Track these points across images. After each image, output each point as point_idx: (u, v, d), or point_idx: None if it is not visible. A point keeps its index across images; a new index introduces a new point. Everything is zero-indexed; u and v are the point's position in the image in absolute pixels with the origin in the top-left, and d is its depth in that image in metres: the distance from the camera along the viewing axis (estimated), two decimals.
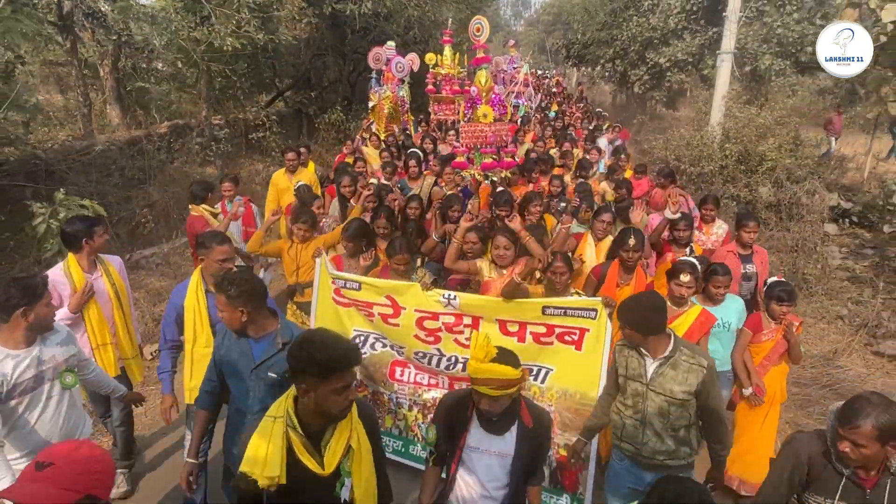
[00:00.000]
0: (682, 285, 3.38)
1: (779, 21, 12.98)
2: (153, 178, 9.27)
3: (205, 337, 3.10)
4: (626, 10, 18.07)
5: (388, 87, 9.33)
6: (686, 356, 2.56)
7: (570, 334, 3.29)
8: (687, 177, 9.58)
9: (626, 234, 3.84)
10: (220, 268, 3.02)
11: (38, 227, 5.98)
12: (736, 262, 4.33)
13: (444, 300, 3.40)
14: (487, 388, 2.13)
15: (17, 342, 2.52)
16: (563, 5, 32.42)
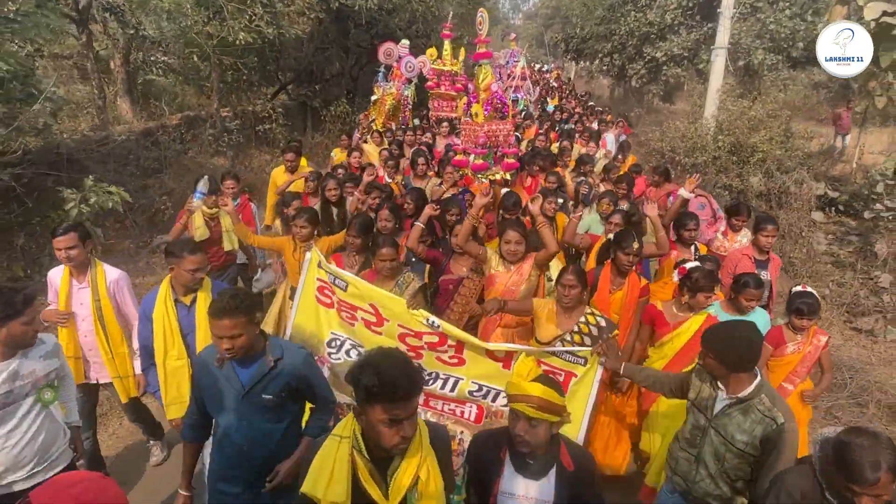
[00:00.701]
0: (711, 297, 3.34)
1: (771, 17, 13.37)
2: (168, 168, 9.64)
3: (176, 349, 2.99)
4: (624, 6, 18.41)
5: (394, 84, 9.39)
6: (763, 406, 2.28)
7: (555, 374, 3.09)
8: (681, 167, 9.98)
9: (629, 235, 3.63)
10: (192, 278, 2.94)
11: (70, 211, 6.37)
12: (751, 267, 4.23)
13: (427, 324, 3.22)
14: (526, 406, 1.96)
15: (21, 346, 2.45)
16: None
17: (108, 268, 3.44)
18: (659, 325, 3.46)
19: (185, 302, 3.05)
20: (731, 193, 9.46)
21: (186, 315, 3.04)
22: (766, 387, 2.35)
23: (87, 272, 3.34)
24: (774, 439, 2.22)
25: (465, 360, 3.23)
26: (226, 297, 2.22)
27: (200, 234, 4.71)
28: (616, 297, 3.64)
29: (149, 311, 3.05)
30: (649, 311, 3.52)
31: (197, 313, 3.05)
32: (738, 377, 2.31)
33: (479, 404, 3.24)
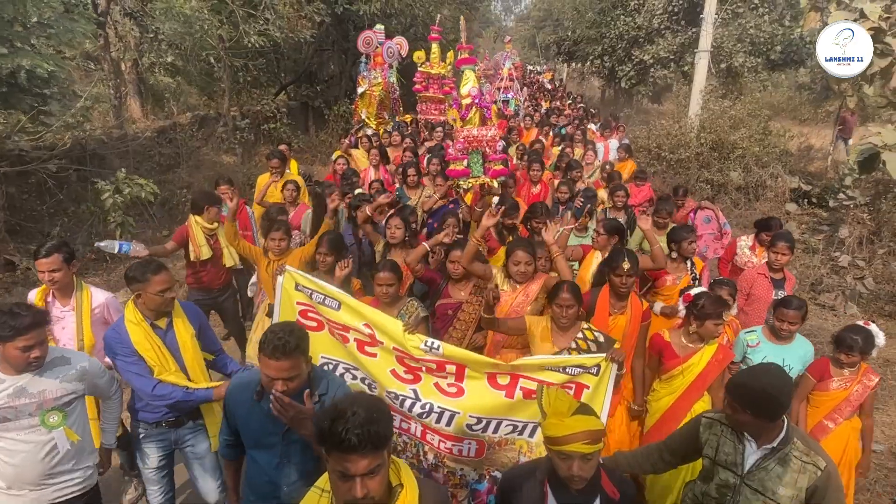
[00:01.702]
0: (721, 324, 3.18)
1: (751, 22, 14.15)
2: (184, 163, 10.21)
3: (173, 366, 2.77)
4: (614, 10, 19.17)
5: (378, 73, 9.17)
6: (799, 451, 2.09)
7: (565, 388, 2.94)
8: (666, 163, 10.66)
9: (619, 255, 3.38)
10: (162, 300, 2.71)
11: (106, 201, 6.95)
12: (767, 286, 4.10)
13: (426, 348, 2.96)
14: (581, 445, 1.84)
15: (6, 367, 2.36)
16: (553, 2, 33.43)
17: (96, 291, 3.26)
18: (667, 357, 3.23)
19: (160, 325, 2.77)
20: (713, 187, 10.17)
21: (164, 337, 2.77)
22: (795, 430, 2.17)
23: (71, 295, 3.14)
24: (822, 487, 2.05)
25: (465, 391, 3.00)
26: (280, 333, 2.01)
27: (206, 253, 4.49)
28: (617, 322, 3.40)
29: (124, 344, 2.69)
30: (656, 342, 3.31)
31: (177, 332, 2.81)
32: (771, 425, 2.10)
33: (478, 439, 3.04)
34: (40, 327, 2.33)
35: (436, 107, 9.13)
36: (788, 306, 3.28)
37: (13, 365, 2.33)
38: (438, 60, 9.13)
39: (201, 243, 4.51)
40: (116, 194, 6.97)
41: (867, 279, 6.51)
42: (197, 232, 4.52)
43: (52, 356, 2.46)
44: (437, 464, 3.13)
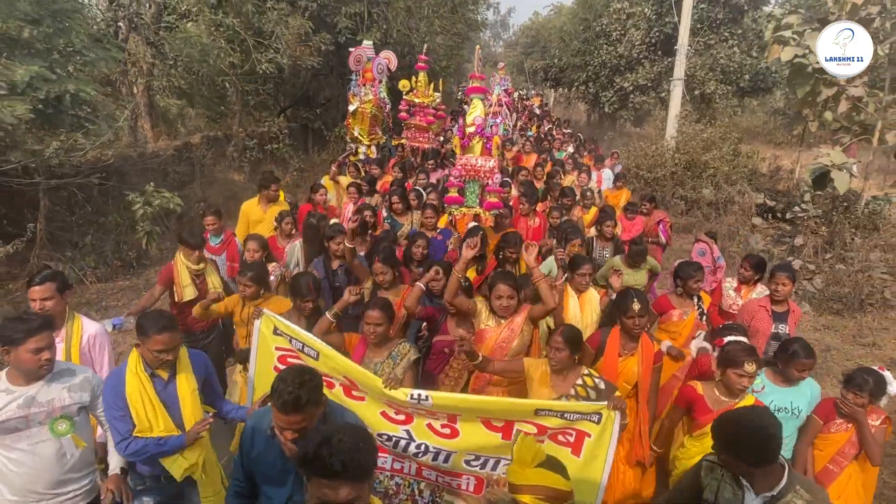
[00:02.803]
0: (745, 376, 2.86)
1: (722, 53, 15.32)
2: (198, 180, 10.96)
3: (163, 424, 2.64)
4: (598, 39, 20.42)
5: (368, 89, 9.13)
6: (803, 501, 1.99)
7: (565, 434, 2.87)
8: (644, 181, 11.58)
9: (629, 296, 3.28)
10: (156, 360, 2.59)
11: (137, 211, 7.67)
12: (767, 320, 3.97)
13: (413, 400, 2.84)
14: (535, 500, 1.82)
15: (16, 378, 2.43)
16: (540, 30, 34.96)
17: (87, 322, 3.20)
18: (699, 412, 3.00)
19: (161, 376, 2.68)
20: (686, 202, 11.09)
21: (164, 389, 2.67)
22: (797, 477, 2.09)
23: (62, 325, 3.07)
24: None
25: (459, 432, 2.91)
26: (292, 387, 1.96)
27: (189, 294, 4.23)
28: (627, 365, 3.29)
29: (119, 389, 2.62)
30: (687, 395, 3.08)
31: (179, 387, 2.71)
32: (764, 471, 2.02)
33: (477, 475, 2.98)
34: (49, 330, 2.44)
35: (421, 134, 9.15)
36: (800, 356, 3.12)
37: (25, 371, 2.41)
38: (424, 89, 9.27)
39: (185, 283, 4.22)
40: (146, 206, 7.71)
41: (815, 280, 7.36)
42: (182, 271, 4.23)
43: (57, 368, 2.56)
44: (435, 500, 3.10)
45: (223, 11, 10.83)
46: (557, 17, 31.17)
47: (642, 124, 22.36)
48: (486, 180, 5.05)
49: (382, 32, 12.94)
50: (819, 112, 10.88)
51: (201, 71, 10.48)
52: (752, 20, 15.88)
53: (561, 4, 32.66)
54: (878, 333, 6.49)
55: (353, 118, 9.29)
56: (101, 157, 8.50)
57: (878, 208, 9.16)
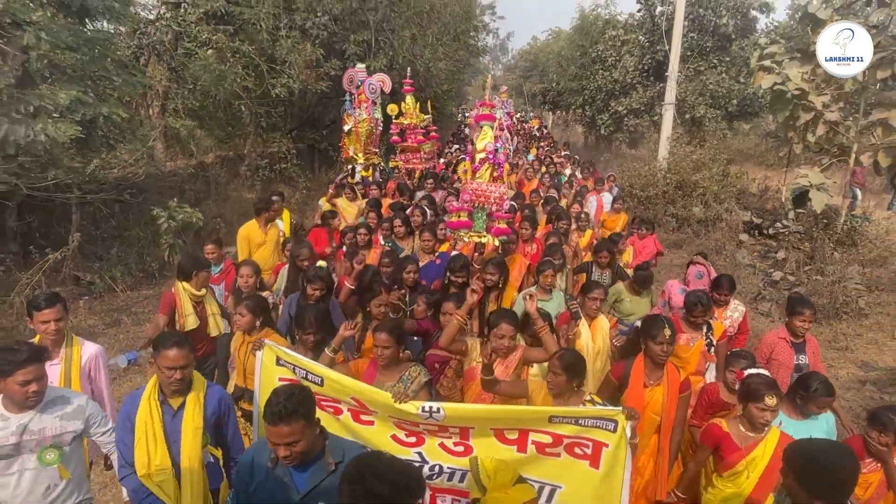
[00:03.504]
0: (767, 409, 2.80)
1: (711, 79, 16.07)
2: (213, 197, 11.53)
3: (159, 458, 2.60)
4: (594, 65, 21.25)
5: (362, 110, 9.26)
6: None
7: (581, 446, 2.80)
8: (637, 199, 12.17)
9: (658, 322, 3.18)
10: (166, 377, 2.60)
11: (161, 225, 8.22)
12: (788, 352, 3.92)
13: (425, 413, 2.80)
14: None
15: (10, 406, 2.45)
16: (538, 54, 36.03)
17: (86, 343, 3.22)
18: (727, 451, 2.92)
19: (172, 405, 2.67)
20: (677, 220, 11.66)
21: (171, 421, 2.65)
22: None
23: (61, 347, 3.09)
24: None
25: (473, 448, 2.86)
26: (281, 398, 2.04)
27: (192, 323, 4.17)
28: (654, 395, 3.19)
29: (132, 412, 2.63)
30: (713, 433, 2.99)
31: (184, 420, 2.66)
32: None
33: None
34: (38, 362, 2.44)
35: (414, 156, 9.36)
36: (822, 393, 3.07)
37: (14, 401, 2.44)
38: (412, 111, 9.50)
39: (188, 312, 4.15)
40: (170, 220, 8.26)
41: (793, 291, 7.88)
42: (184, 300, 4.15)
43: (51, 395, 2.55)
44: None
45: (239, 39, 11.54)
46: (556, 42, 32.20)
47: (637, 146, 23.09)
48: (495, 206, 5.04)
49: (388, 58, 13.62)
50: (802, 135, 11.56)
51: (218, 95, 11.11)
52: (740, 48, 16.71)
53: (559, 30, 33.75)
54: (851, 339, 6.99)
55: (347, 138, 9.45)
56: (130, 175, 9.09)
57: (856, 225, 9.72)
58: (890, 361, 6.30)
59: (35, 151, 5.86)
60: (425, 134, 9.69)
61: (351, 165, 9.54)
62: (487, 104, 5.34)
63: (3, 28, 5.49)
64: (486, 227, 5.19)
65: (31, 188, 6.52)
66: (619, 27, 20.80)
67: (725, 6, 16.49)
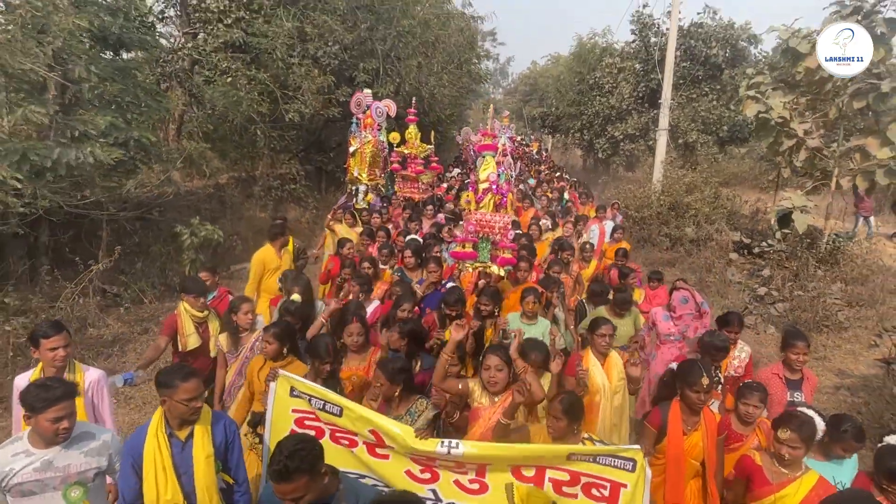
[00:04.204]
0: (781, 443, 2.78)
1: (703, 106, 16.80)
2: (228, 216, 12.11)
3: (170, 493, 2.60)
4: (591, 91, 22.07)
5: (368, 132, 9.42)
6: None
7: (598, 487, 2.76)
8: (632, 220, 12.75)
9: (696, 370, 3.08)
10: (187, 409, 2.58)
11: (184, 241, 8.76)
12: (781, 389, 3.82)
13: (444, 449, 2.79)
14: None
15: (37, 441, 2.45)
16: (538, 78, 37.06)
17: (88, 369, 3.26)
18: (758, 484, 2.91)
19: (179, 437, 2.67)
20: (670, 239, 12.21)
21: (181, 452, 2.64)
22: None
23: (64, 375, 3.11)
24: None
25: (489, 486, 2.84)
26: (283, 455, 2.06)
27: (193, 343, 4.23)
28: (693, 440, 3.12)
29: (136, 452, 2.60)
30: (745, 465, 2.98)
31: (194, 449, 2.65)
32: None
33: None
34: (70, 399, 2.45)
35: (413, 185, 9.47)
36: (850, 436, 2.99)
37: (44, 437, 2.43)
38: (414, 140, 9.69)
39: (189, 332, 4.21)
40: (192, 237, 8.81)
41: (777, 305, 8.40)
42: (186, 320, 4.22)
43: (78, 430, 2.56)
44: None
45: (255, 67, 12.26)
46: (555, 67, 33.20)
47: (633, 169, 23.81)
48: (499, 236, 4.99)
49: (395, 85, 14.34)
50: (789, 160, 12.18)
51: (236, 120, 11.77)
52: (730, 77, 17.48)
53: (558, 55, 34.82)
54: (830, 350, 7.49)
55: (352, 159, 9.66)
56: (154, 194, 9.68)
57: (839, 245, 10.26)
58: (864, 370, 6.78)
59: (83, 173, 6.42)
60: (425, 164, 9.87)
61: (355, 186, 9.75)
62: (489, 133, 5.34)
63: (59, 62, 6.09)
64: (490, 256, 5.10)
65: (70, 206, 7.08)
66: (615, 55, 21.68)
67: (716, 38, 17.34)
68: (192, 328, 4.24)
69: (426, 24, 15.16)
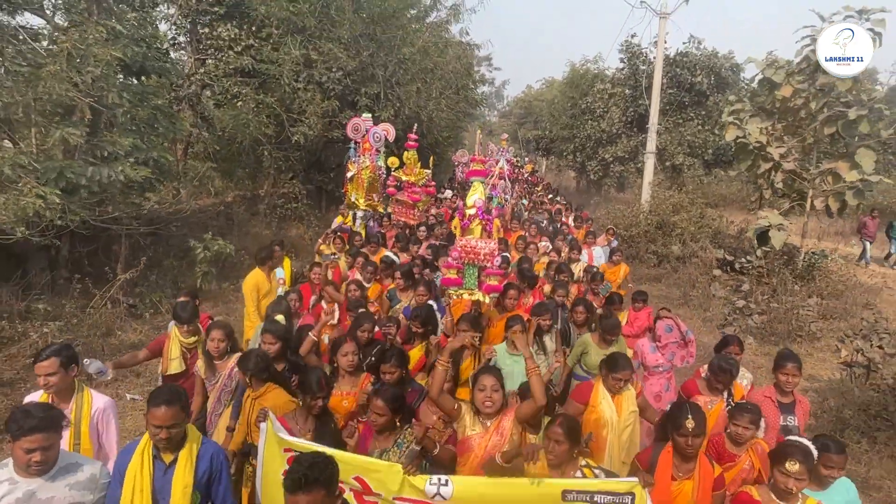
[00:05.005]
0: (788, 475, 2.68)
1: (689, 130, 17.60)
2: (235, 232, 12.65)
3: None
4: (584, 115, 22.92)
5: (366, 157, 9.38)
6: None
7: None
8: (621, 238, 13.35)
9: (682, 411, 2.95)
10: (154, 435, 2.52)
11: (198, 255, 9.28)
12: (774, 412, 3.72)
13: (433, 487, 2.72)
14: None
15: (20, 470, 2.33)
16: (532, 101, 38.12)
17: (96, 395, 3.17)
18: None
19: (164, 460, 2.60)
20: (657, 256, 12.82)
21: (163, 476, 2.58)
22: None
23: (70, 399, 3.05)
24: None
25: None
26: (304, 465, 2.05)
27: (174, 368, 4.13)
28: (682, 489, 2.93)
29: (122, 468, 2.57)
30: (743, 500, 2.88)
31: (174, 476, 2.58)
32: None
33: None
34: (47, 431, 2.30)
35: (408, 210, 9.41)
36: (830, 450, 2.88)
37: (18, 466, 2.31)
38: (412, 166, 9.65)
39: (173, 356, 4.14)
40: (205, 251, 9.33)
41: (753, 317, 8.96)
42: (174, 344, 4.16)
43: (64, 461, 2.43)
44: None
45: (263, 92, 12.94)
46: (549, 91, 34.24)
47: (624, 190, 24.57)
48: (486, 263, 4.87)
49: (395, 109, 15.03)
50: (769, 182, 12.85)
51: (244, 141, 12.39)
52: (715, 103, 18.34)
53: (552, 79, 35.88)
54: (803, 358, 7.94)
55: (350, 184, 9.55)
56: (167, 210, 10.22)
57: (815, 261, 10.89)
58: (830, 374, 7.33)
59: (112, 190, 6.97)
60: (423, 190, 9.88)
61: (352, 211, 9.71)
62: (478, 160, 5.18)
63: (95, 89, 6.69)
64: (477, 283, 4.96)
65: (96, 221, 7.62)
66: (606, 81, 22.59)
67: (700, 66, 18.24)
68: (177, 353, 4.17)
69: (425, 52, 15.91)
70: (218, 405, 3.78)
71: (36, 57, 6.65)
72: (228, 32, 12.66)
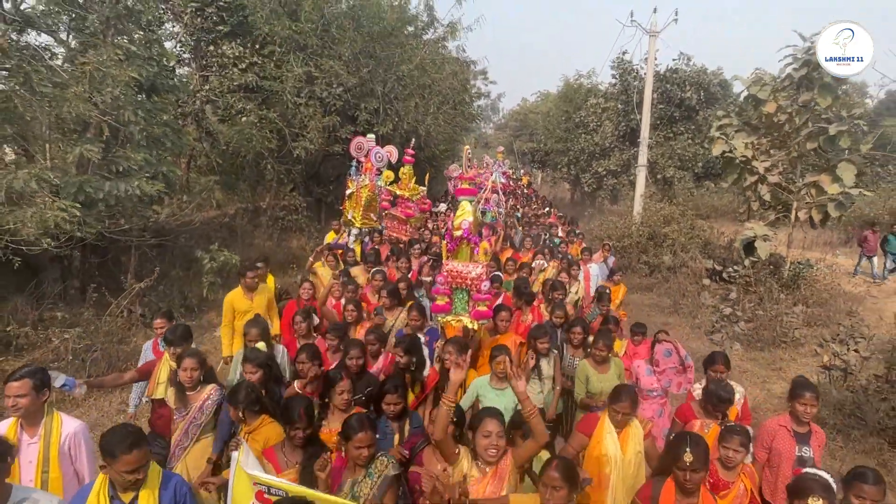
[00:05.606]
0: None
1: (679, 144, 18.10)
2: (238, 244, 12.98)
3: None
4: (577, 129, 23.45)
5: (367, 177, 9.38)
6: None
7: None
8: (614, 249, 13.74)
9: (681, 443, 2.81)
10: (125, 481, 2.45)
11: (205, 265, 9.60)
12: (789, 442, 3.62)
13: None
14: None
15: None
16: (527, 114, 38.69)
17: (67, 419, 3.08)
18: None
19: (123, 500, 2.54)
20: (649, 266, 13.21)
21: None
22: None
23: (39, 424, 2.96)
24: None
25: None
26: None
27: (161, 392, 4.02)
28: None
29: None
30: None
31: None
32: None
33: None
34: None
35: (401, 226, 9.34)
36: (866, 480, 2.73)
37: None
38: (408, 182, 9.58)
39: (161, 380, 4.03)
40: (212, 261, 9.66)
41: (740, 324, 9.33)
42: (163, 369, 4.07)
43: (17, 497, 2.35)
44: None
45: (266, 107, 13.35)
46: (543, 104, 34.81)
47: (618, 202, 25.04)
48: (474, 288, 4.63)
49: (394, 124, 15.46)
50: (756, 194, 13.26)
51: (248, 155, 12.78)
52: (704, 118, 18.87)
53: (547, 92, 36.50)
54: (786, 363, 8.40)
55: (348, 201, 9.52)
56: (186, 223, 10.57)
57: (800, 271, 11.29)
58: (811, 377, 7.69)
59: (127, 203, 7.31)
60: (417, 206, 9.75)
61: (348, 228, 9.69)
62: (466, 178, 4.97)
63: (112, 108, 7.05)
64: (467, 308, 4.72)
65: (110, 233, 7.95)
66: (599, 96, 23.16)
67: (690, 82, 18.80)
68: (165, 377, 4.02)
69: (423, 69, 16.39)
70: (185, 439, 3.61)
71: (54, 76, 7.03)
72: (233, 50, 13.09)
